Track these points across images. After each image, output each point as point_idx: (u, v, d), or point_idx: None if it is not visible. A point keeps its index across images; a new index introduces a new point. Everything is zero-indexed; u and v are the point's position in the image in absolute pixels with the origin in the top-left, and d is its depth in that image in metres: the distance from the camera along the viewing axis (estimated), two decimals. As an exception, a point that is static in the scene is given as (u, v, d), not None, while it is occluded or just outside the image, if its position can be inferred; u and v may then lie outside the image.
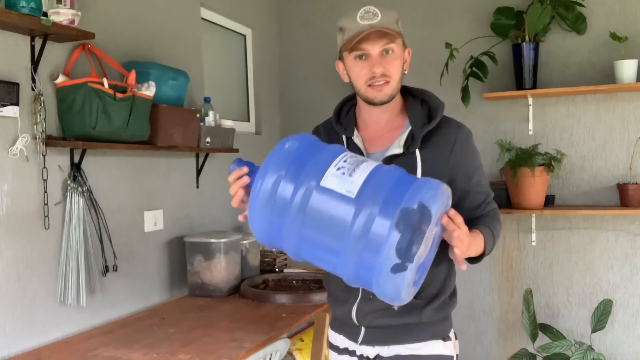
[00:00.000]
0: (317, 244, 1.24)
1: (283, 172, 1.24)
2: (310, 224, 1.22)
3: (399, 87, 1.55)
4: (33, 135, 2.01)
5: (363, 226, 1.16)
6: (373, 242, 1.16)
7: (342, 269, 1.23)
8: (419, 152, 1.53)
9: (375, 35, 1.46)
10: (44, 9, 1.94)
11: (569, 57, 3.15)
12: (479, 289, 3.37)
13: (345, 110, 1.66)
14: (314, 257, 1.28)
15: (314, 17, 3.71)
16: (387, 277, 1.16)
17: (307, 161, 1.25)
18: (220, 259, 2.63)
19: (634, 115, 3.05)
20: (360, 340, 1.61)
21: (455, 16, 3.37)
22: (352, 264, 1.20)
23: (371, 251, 1.16)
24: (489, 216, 1.58)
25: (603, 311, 3.03)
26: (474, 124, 3.35)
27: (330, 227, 1.20)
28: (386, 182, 1.21)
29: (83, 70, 2.19)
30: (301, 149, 1.29)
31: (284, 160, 1.26)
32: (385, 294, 1.21)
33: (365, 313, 1.57)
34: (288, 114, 3.82)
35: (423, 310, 1.55)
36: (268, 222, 1.26)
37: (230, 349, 1.93)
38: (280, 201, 1.23)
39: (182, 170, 2.82)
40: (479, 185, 1.58)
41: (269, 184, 1.24)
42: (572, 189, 3.18)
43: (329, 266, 1.28)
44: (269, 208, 1.24)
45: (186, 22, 2.88)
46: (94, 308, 2.26)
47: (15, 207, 1.97)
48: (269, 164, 1.26)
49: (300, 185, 1.22)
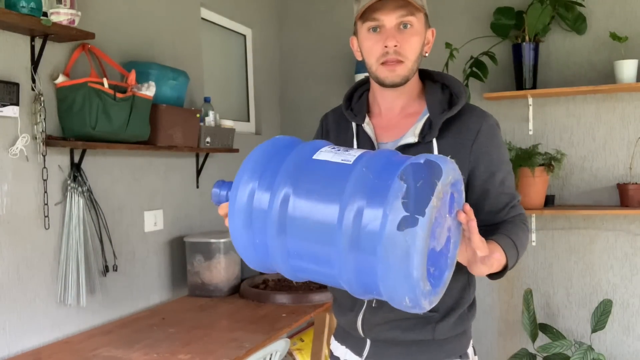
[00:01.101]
0: (308, 255, 1.04)
1: (256, 183, 1.07)
2: (295, 233, 1.03)
3: (415, 69, 1.33)
4: (33, 135, 2.01)
5: (354, 218, 0.97)
6: (368, 231, 0.96)
7: (342, 275, 1.02)
8: (436, 141, 1.33)
9: (393, 5, 1.26)
10: (44, 9, 1.94)
11: (569, 57, 3.15)
12: (479, 289, 3.35)
13: (357, 96, 1.47)
14: (310, 272, 1.08)
15: (314, 17, 3.71)
16: (393, 252, 0.93)
17: (281, 165, 1.08)
18: (220, 259, 2.63)
19: (634, 115, 3.05)
20: (366, 355, 1.42)
21: (455, 16, 3.37)
22: (350, 266, 0.99)
23: (368, 236, 0.96)
24: (513, 223, 1.33)
25: (603, 311, 3.02)
26: (474, 124, 3.35)
27: (317, 230, 1.01)
28: (376, 163, 1.02)
29: (83, 70, 2.19)
30: (273, 152, 1.11)
31: (255, 170, 1.08)
32: (396, 288, 0.96)
33: (372, 324, 1.38)
34: (288, 114, 3.82)
35: (438, 325, 1.35)
36: (251, 243, 1.08)
37: (230, 349, 1.93)
38: (258, 215, 1.05)
39: (182, 170, 2.82)
40: (503, 184, 1.36)
41: (243, 199, 1.06)
42: (572, 189, 3.18)
43: (329, 278, 1.07)
44: (247, 226, 1.07)
45: (186, 22, 2.88)
46: (94, 308, 2.26)
47: (15, 207, 1.98)
48: (239, 177, 1.09)
49: (277, 191, 1.04)
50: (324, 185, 1.03)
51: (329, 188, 1.02)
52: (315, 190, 1.03)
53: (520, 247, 1.28)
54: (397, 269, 0.94)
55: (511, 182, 1.38)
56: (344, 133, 1.44)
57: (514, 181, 1.41)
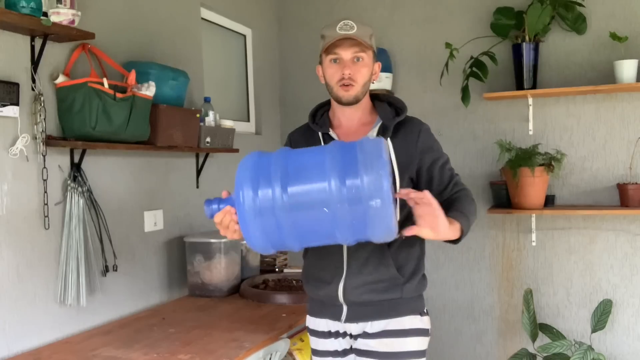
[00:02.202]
0: (311, 220, 1.41)
1: (256, 180, 1.41)
2: (299, 205, 1.39)
3: (364, 91, 1.76)
4: (33, 135, 2.01)
5: (340, 187, 1.36)
6: (353, 194, 1.36)
7: (340, 232, 1.41)
8: (390, 140, 1.74)
9: (348, 43, 1.70)
10: (44, 9, 1.94)
11: (569, 57, 3.15)
12: (479, 289, 3.37)
13: (319, 114, 1.89)
14: (313, 234, 1.45)
15: (313, 18, 3.71)
16: (376, 216, 1.35)
17: (270, 165, 1.44)
18: (220, 259, 2.63)
19: (634, 115, 3.05)
20: (344, 319, 1.76)
21: (455, 16, 3.37)
22: (346, 222, 1.38)
23: (354, 197, 1.36)
24: (459, 198, 1.71)
25: (603, 311, 3.03)
26: (474, 124, 3.35)
27: (315, 202, 1.39)
28: (337, 147, 1.47)
29: (83, 70, 2.19)
30: (258, 160, 1.48)
31: (251, 172, 1.43)
32: (380, 230, 1.39)
33: (352, 288, 1.72)
34: (288, 114, 3.82)
35: (404, 286, 1.73)
36: (262, 227, 1.42)
37: (230, 349, 1.93)
38: (266, 202, 1.39)
39: (182, 170, 2.82)
40: (444, 168, 1.76)
41: (249, 199, 1.40)
42: (572, 189, 3.18)
43: (329, 235, 1.44)
44: (258, 216, 1.40)
45: (186, 22, 2.88)
46: (94, 308, 2.26)
47: (15, 207, 1.98)
48: (240, 184, 1.42)
49: (275, 182, 1.40)
50: (310, 167, 1.42)
51: (315, 169, 1.41)
52: (305, 173, 1.41)
53: (470, 214, 1.66)
54: (380, 224, 1.37)
55: (449, 165, 1.79)
56: (312, 142, 1.82)
57: (452, 168, 1.79)
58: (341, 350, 1.82)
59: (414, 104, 3.46)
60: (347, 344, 1.82)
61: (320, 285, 1.79)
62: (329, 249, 1.75)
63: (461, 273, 3.40)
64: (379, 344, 1.73)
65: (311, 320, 1.88)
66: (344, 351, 1.82)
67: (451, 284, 3.41)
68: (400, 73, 3.50)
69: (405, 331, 1.73)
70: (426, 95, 3.43)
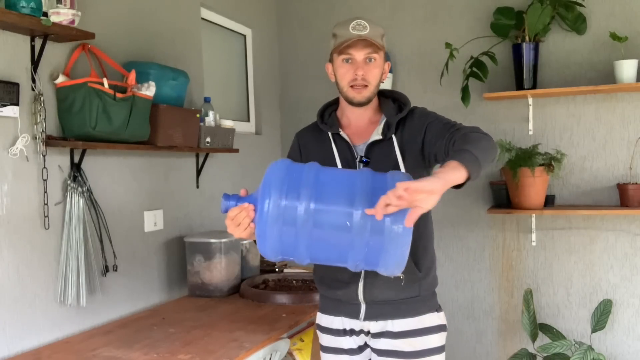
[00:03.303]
0: (329, 239, 1.44)
1: (285, 187, 1.43)
2: (322, 223, 1.42)
3: (376, 92, 1.77)
4: (33, 135, 2.01)
5: (363, 220, 1.38)
6: (374, 230, 1.38)
7: (353, 256, 1.43)
8: (395, 137, 1.76)
9: (362, 44, 1.69)
10: (44, 9, 1.94)
11: (569, 57, 3.15)
12: (479, 289, 3.37)
13: (327, 113, 1.88)
14: (327, 257, 1.50)
15: (313, 17, 3.71)
16: (395, 243, 1.38)
17: (301, 176, 1.47)
18: (220, 259, 2.63)
19: (634, 115, 3.05)
20: (363, 317, 1.77)
21: (455, 16, 3.37)
22: (362, 249, 1.41)
23: (375, 233, 1.38)
24: (462, 136, 1.59)
25: (603, 311, 3.03)
26: (473, 124, 3.32)
27: (337, 228, 1.42)
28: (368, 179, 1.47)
29: (83, 70, 2.19)
30: (290, 167, 1.50)
31: (281, 178, 1.45)
32: (393, 260, 1.41)
33: (372, 287, 1.73)
34: (288, 114, 3.82)
35: (421, 283, 1.75)
36: (279, 234, 1.43)
37: (230, 349, 1.93)
38: (291, 211, 1.41)
39: (182, 170, 2.82)
40: (442, 122, 1.72)
41: (275, 203, 1.41)
42: (572, 189, 3.18)
43: (341, 258, 1.46)
44: (279, 222, 1.42)
45: (186, 22, 2.88)
46: (94, 308, 2.26)
47: (15, 207, 1.97)
48: (269, 187, 1.44)
49: (304, 194, 1.42)
50: (340, 189, 1.45)
51: (344, 192, 1.43)
52: (335, 194, 1.44)
53: (475, 148, 1.47)
54: (395, 253, 1.40)
55: (449, 120, 1.74)
56: (321, 142, 1.83)
57: (453, 121, 1.75)
58: (356, 347, 1.82)
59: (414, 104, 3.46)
60: (361, 341, 1.82)
61: (338, 285, 1.78)
62: None
63: (461, 273, 3.40)
64: (404, 343, 1.74)
65: (324, 318, 1.87)
66: (359, 348, 1.83)
67: (451, 284, 3.41)
68: (400, 73, 3.50)
69: (427, 329, 1.76)
70: (426, 95, 3.43)
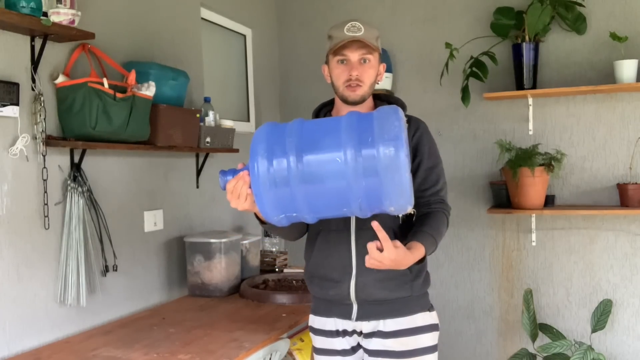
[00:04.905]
0: (325, 193, 1.41)
1: (271, 149, 1.42)
2: (314, 179, 1.40)
3: (370, 91, 1.80)
4: (33, 135, 2.01)
5: (356, 157, 1.37)
6: (369, 163, 1.37)
7: (355, 200, 1.40)
8: None
9: (356, 45, 1.73)
10: (44, 9, 1.94)
11: (569, 57, 3.15)
12: (479, 289, 3.37)
13: (322, 113, 1.92)
14: (328, 205, 1.45)
15: (313, 17, 3.71)
16: (390, 169, 1.36)
17: (284, 135, 1.45)
18: (220, 259, 2.63)
19: (634, 115, 3.05)
20: (355, 317, 1.78)
21: (455, 16, 3.37)
22: (361, 191, 1.38)
23: (370, 165, 1.36)
24: (432, 215, 1.72)
25: (603, 311, 3.03)
26: (474, 124, 3.35)
27: (331, 172, 1.40)
28: (354, 117, 1.47)
29: (83, 70, 2.19)
30: (273, 129, 1.49)
31: (266, 141, 1.45)
32: (395, 189, 1.38)
33: (364, 286, 1.74)
34: (288, 114, 3.82)
35: (413, 283, 1.77)
36: (276, 196, 1.42)
37: (230, 349, 1.93)
38: (280, 172, 1.40)
39: (182, 170, 2.82)
40: (432, 171, 1.78)
41: (263, 161, 1.42)
42: (572, 189, 3.18)
43: (342, 209, 1.45)
44: (271, 179, 1.41)
45: (186, 22, 2.88)
46: (94, 308, 2.26)
47: (15, 207, 1.97)
48: (256, 147, 1.44)
49: (290, 151, 1.41)
50: (326, 136, 1.42)
51: (330, 138, 1.41)
52: (320, 143, 1.41)
53: (437, 235, 1.69)
54: (393, 180, 1.36)
55: (438, 175, 1.79)
56: None
57: (443, 177, 1.81)
58: (349, 348, 1.83)
59: (414, 104, 3.45)
60: (354, 341, 1.83)
61: (329, 284, 1.78)
62: (336, 247, 1.76)
63: (461, 273, 3.40)
64: (395, 343, 1.75)
65: (316, 320, 1.88)
66: (352, 349, 1.83)
67: (451, 284, 3.41)
68: (400, 73, 3.50)
69: (419, 328, 1.77)
70: (426, 95, 3.43)
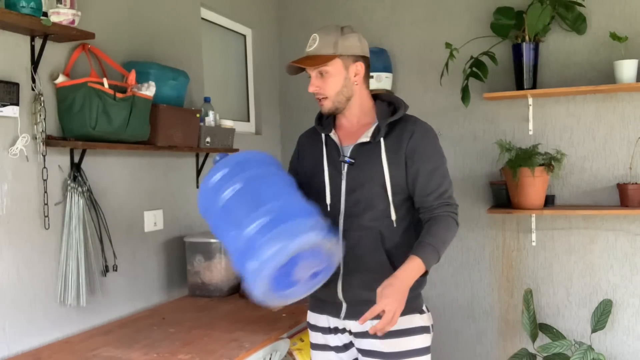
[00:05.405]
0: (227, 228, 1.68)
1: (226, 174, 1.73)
2: (225, 213, 1.69)
3: (340, 99, 1.77)
4: (33, 135, 2.01)
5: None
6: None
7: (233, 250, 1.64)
8: (383, 140, 1.75)
9: (308, 62, 1.76)
10: (44, 9, 1.94)
11: (569, 57, 3.15)
12: (479, 289, 3.37)
13: (325, 117, 1.92)
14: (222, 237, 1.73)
15: (313, 18, 3.71)
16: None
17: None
18: (220, 259, 2.63)
19: (634, 115, 3.05)
20: (344, 316, 1.79)
21: (455, 16, 3.37)
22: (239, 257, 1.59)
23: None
24: (435, 222, 1.71)
25: (603, 311, 3.03)
26: (474, 124, 3.35)
27: (235, 217, 1.64)
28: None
29: (83, 70, 2.19)
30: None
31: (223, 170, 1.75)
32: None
33: (350, 287, 1.76)
34: (288, 114, 3.82)
35: None
36: (205, 201, 1.76)
37: (230, 349, 1.93)
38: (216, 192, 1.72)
39: (182, 170, 2.82)
40: (432, 174, 1.73)
41: (214, 180, 1.73)
42: (572, 189, 3.18)
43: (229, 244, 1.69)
44: (211, 192, 1.73)
45: (186, 22, 2.88)
46: (94, 308, 2.26)
47: (15, 207, 1.97)
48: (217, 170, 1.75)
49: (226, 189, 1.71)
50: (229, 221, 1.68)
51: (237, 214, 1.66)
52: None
53: (439, 243, 1.69)
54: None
55: (441, 176, 1.75)
56: (316, 143, 1.88)
57: (448, 178, 1.76)
58: (342, 345, 1.85)
59: (414, 104, 3.44)
60: (346, 339, 1.84)
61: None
62: None
63: (461, 273, 3.40)
64: (383, 344, 1.75)
65: (312, 316, 1.91)
66: (344, 346, 1.85)
67: (451, 284, 3.41)
68: (400, 73, 3.50)
69: (408, 330, 1.76)
70: (426, 95, 3.43)
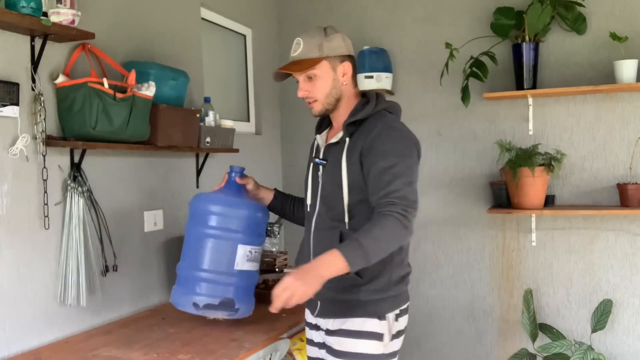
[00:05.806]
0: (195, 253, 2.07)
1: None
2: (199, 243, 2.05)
3: (330, 101, 1.79)
4: (33, 135, 2.01)
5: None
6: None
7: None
8: (348, 140, 1.76)
9: (295, 67, 1.78)
10: (44, 9, 1.94)
11: (569, 57, 3.15)
12: (479, 289, 3.37)
13: (324, 126, 1.96)
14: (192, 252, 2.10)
15: (313, 17, 3.71)
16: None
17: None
18: (220, 259, 2.63)
19: (634, 115, 3.05)
20: (317, 313, 1.86)
21: (455, 16, 3.37)
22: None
23: None
24: (372, 222, 1.60)
25: (603, 311, 3.03)
26: (474, 124, 3.35)
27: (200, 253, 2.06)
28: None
29: (83, 70, 2.19)
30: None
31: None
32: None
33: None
34: (288, 114, 3.82)
35: (361, 288, 1.73)
36: (195, 208, 2.10)
37: (230, 349, 1.93)
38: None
39: (182, 170, 2.81)
40: (385, 172, 1.64)
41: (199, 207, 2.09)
42: (572, 189, 3.18)
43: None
44: (203, 212, 2.07)
45: (186, 22, 2.88)
46: (94, 308, 2.26)
47: (15, 207, 1.97)
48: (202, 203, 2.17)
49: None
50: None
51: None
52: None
53: (369, 240, 1.55)
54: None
55: (393, 175, 1.63)
56: (311, 147, 1.98)
57: (404, 177, 1.63)
58: (322, 342, 1.90)
59: (414, 104, 3.46)
60: (320, 337, 1.90)
61: None
62: (303, 247, 1.90)
63: (461, 273, 3.40)
64: (335, 341, 1.80)
65: (305, 311, 2.01)
66: (323, 343, 1.89)
67: (451, 284, 3.41)
68: (400, 73, 3.50)
69: (358, 332, 1.75)
70: (426, 95, 3.43)
